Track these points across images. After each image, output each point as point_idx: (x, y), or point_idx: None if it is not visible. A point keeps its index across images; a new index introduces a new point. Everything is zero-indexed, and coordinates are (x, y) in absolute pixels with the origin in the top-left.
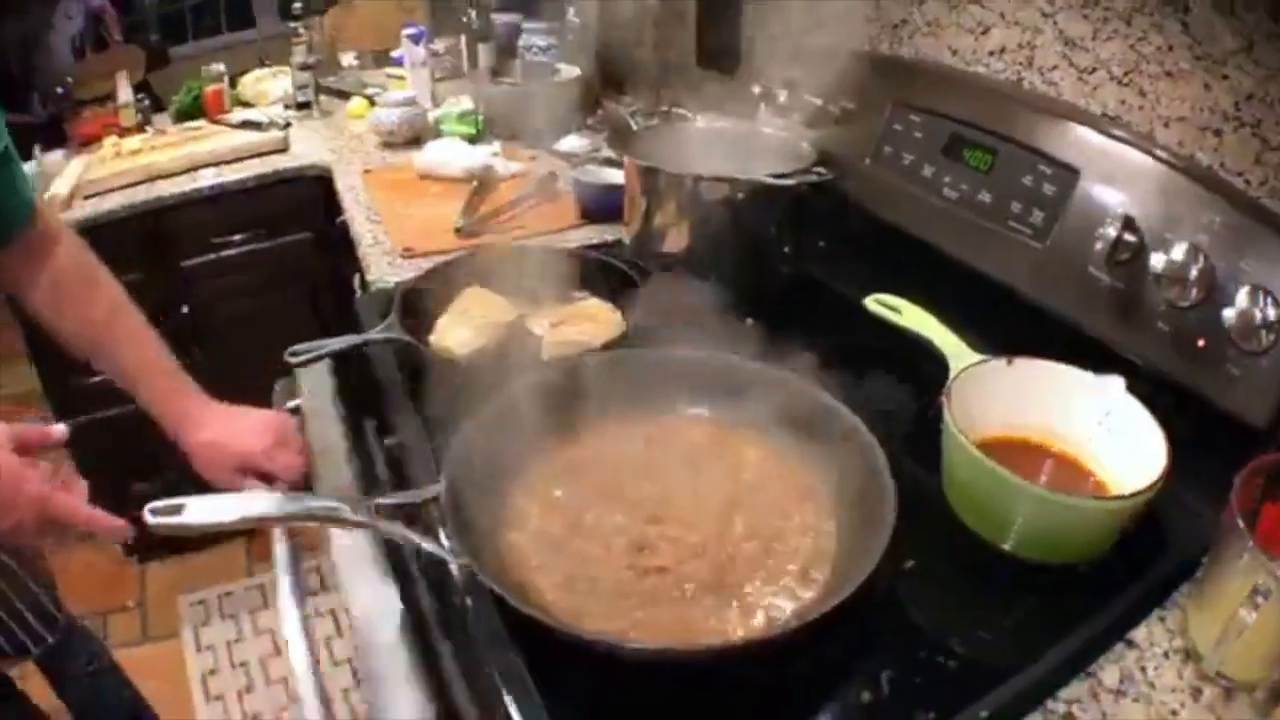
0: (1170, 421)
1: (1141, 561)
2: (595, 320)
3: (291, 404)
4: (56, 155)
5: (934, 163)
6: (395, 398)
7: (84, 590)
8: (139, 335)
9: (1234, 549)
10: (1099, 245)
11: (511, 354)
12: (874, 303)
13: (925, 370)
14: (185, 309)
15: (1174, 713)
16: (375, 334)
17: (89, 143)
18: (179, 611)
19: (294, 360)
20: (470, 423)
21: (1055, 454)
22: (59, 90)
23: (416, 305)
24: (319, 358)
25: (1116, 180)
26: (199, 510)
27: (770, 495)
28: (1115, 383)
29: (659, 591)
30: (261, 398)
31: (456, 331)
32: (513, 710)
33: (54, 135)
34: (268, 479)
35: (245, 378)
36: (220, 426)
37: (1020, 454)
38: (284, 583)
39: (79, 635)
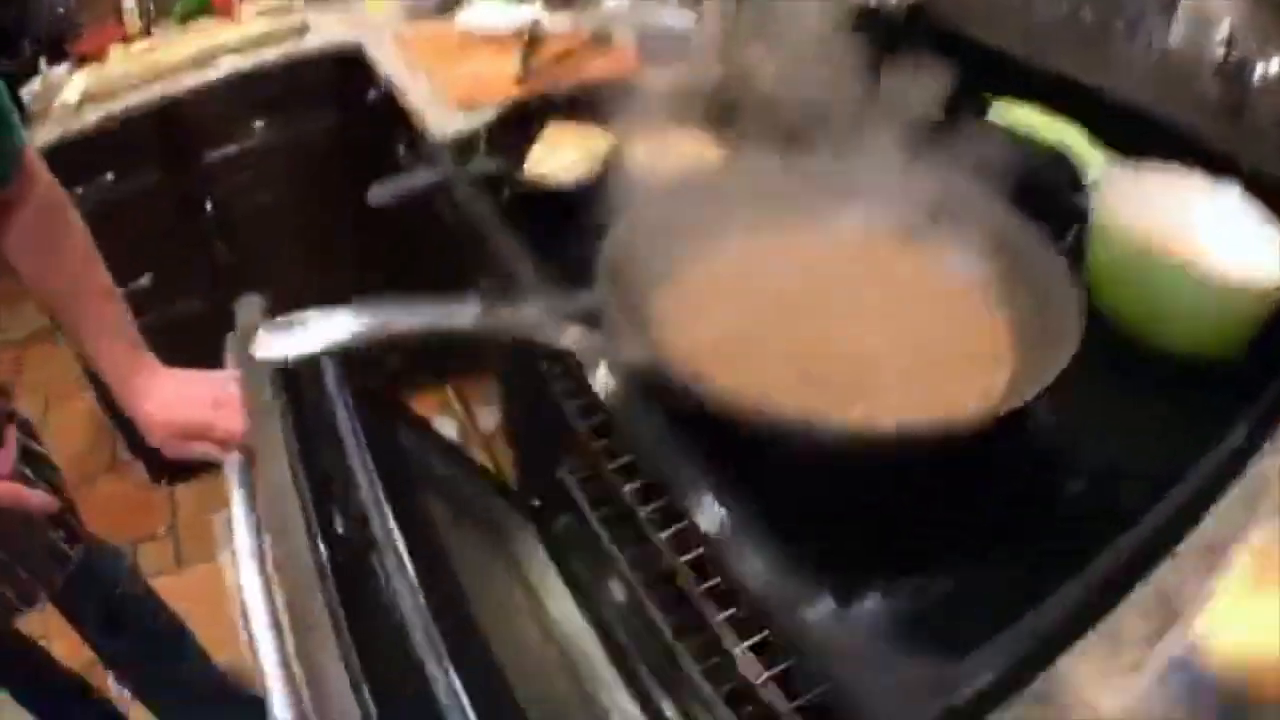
0: None
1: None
2: (693, 143)
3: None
4: (60, 69)
5: None
6: (498, 236)
7: (110, 522)
8: (102, 296)
9: None
10: (1207, 60)
11: (623, 178)
12: (1000, 110)
13: (1040, 181)
14: (209, 206)
15: None
16: (468, 167)
17: (93, 58)
18: (214, 532)
19: (376, 201)
20: (614, 231)
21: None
22: (59, 10)
23: (502, 141)
24: (405, 197)
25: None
26: (323, 326)
27: (941, 296)
28: (1233, 189)
29: (852, 379)
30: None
31: (556, 156)
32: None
33: (57, 57)
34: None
35: (274, 275)
36: (162, 396)
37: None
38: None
39: (100, 557)
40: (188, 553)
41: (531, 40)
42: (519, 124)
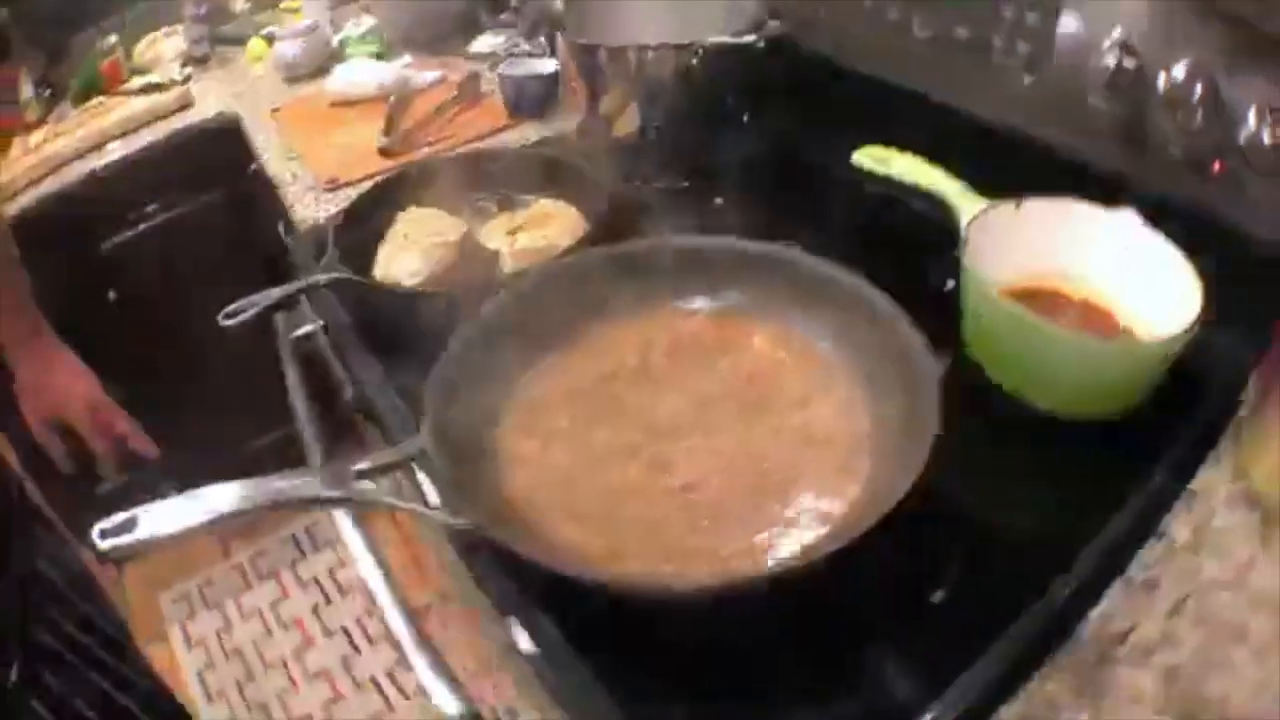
0: (1193, 252)
1: (1182, 405)
2: (555, 222)
3: (302, 331)
4: None
5: (900, 1)
6: (348, 344)
7: None
8: (9, 264)
9: None
10: (1094, 72)
11: (469, 275)
12: (863, 156)
13: (913, 228)
14: (112, 294)
15: (1249, 565)
16: (313, 277)
17: None
18: (162, 611)
19: (228, 322)
20: (441, 361)
21: (1074, 296)
22: None
23: (353, 238)
24: (256, 315)
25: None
26: (154, 521)
27: (788, 384)
28: (1130, 216)
29: (693, 511)
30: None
31: (402, 259)
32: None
33: None
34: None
35: (193, 353)
36: (49, 376)
37: (1040, 301)
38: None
39: None
40: (141, 632)
41: (398, 101)
42: (369, 216)
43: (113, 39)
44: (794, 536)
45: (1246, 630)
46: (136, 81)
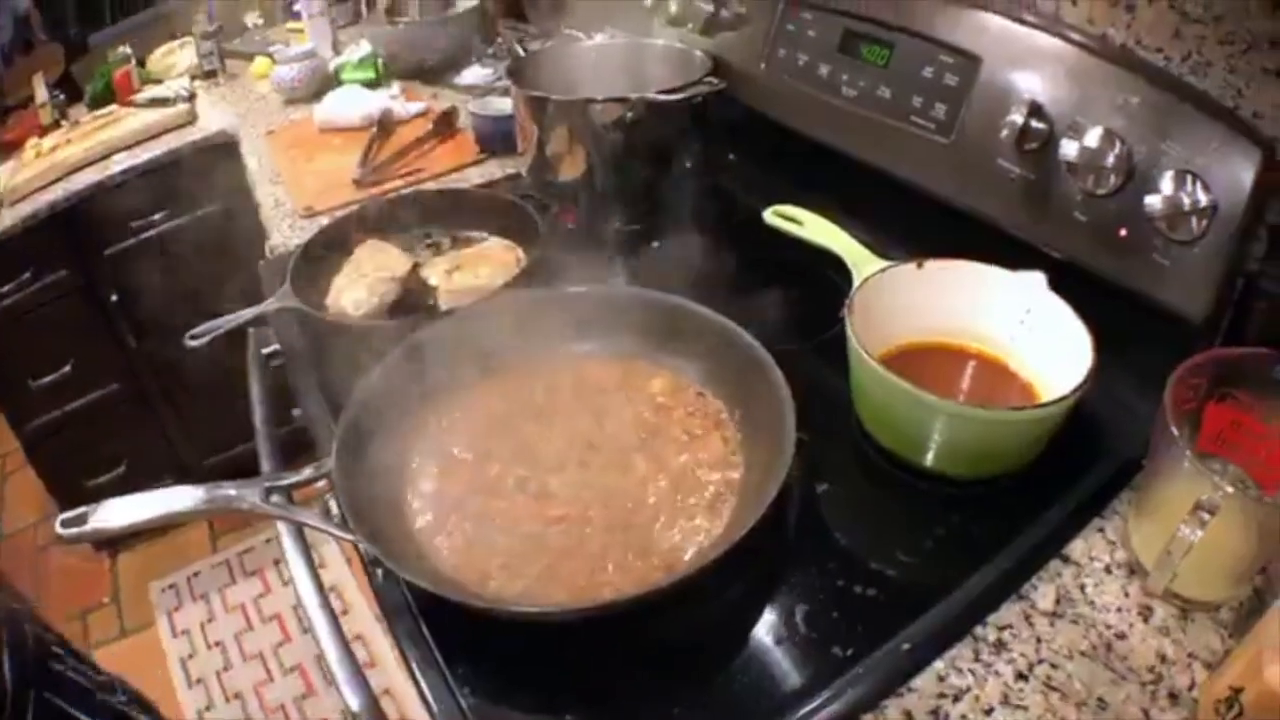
0: (1100, 317)
1: (1074, 469)
2: (492, 261)
3: (268, 350)
4: None
5: (830, 61)
6: (298, 367)
7: (62, 594)
8: None
9: (1172, 456)
10: (1005, 135)
11: (408, 309)
12: (774, 215)
13: (839, 281)
14: (115, 298)
15: (1121, 635)
16: (269, 304)
17: (15, 147)
18: (151, 599)
19: (193, 343)
20: (358, 388)
21: (976, 355)
22: None
23: (312, 267)
24: (217, 337)
25: (1021, 65)
26: (106, 514)
27: (676, 428)
28: (1035, 278)
29: (564, 542)
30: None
31: (351, 292)
32: (421, 680)
33: None
34: None
35: (188, 358)
36: None
37: (939, 359)
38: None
39: None
40: (130, 619)
41: (380, 131)
42: (330, 247)
43: (126, 49)
44: (652, 567)
45: (1100, 703)
46: (147, 93)
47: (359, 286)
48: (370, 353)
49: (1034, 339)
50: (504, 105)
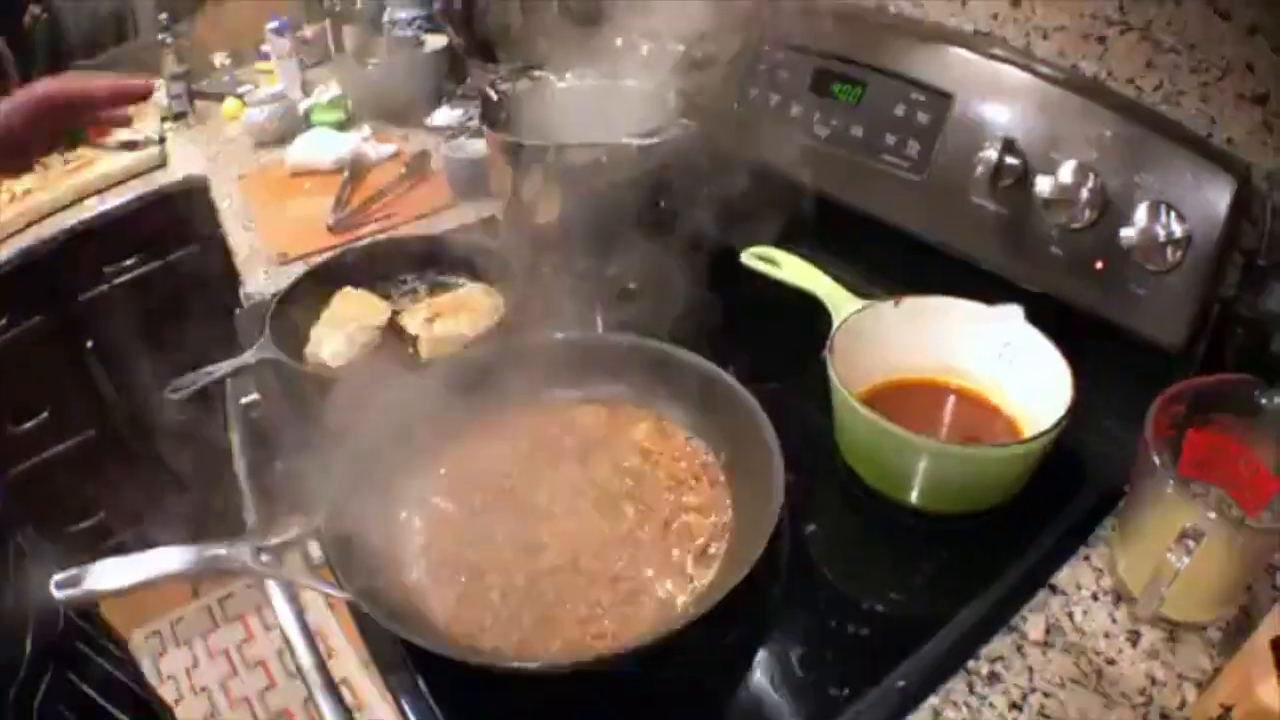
0: (1078, 346)
1: (1058, 499)
2: (471, 309)
3: (247, 400)
4: None
5: (802, 101)
6: (279, 421)
7: None
8: None
9: (1155, 483)
10: (979, 171)
11: (388, 358)
12: (751, 257)
13: (818, 320)
14: (90, 344)
15: (1111, 661)
16: (249, 356)
17: None
18: (135, 645)
19: (175, 395)
20: (341, 441)
21: (957, 390)
22: None
23: (290, 317)
24: (200, 389)
25: (993, 101)
26: (100, 577)
27: (663, 473)
28: (1013, 312)
29: (557, 593)
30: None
31: (329, 342)
32: None
33: None
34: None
35: (166, 405)
36: None
37: (920, 395)
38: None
39: None
40: None
41: (352, 175)
42: (306, 296)
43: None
44: (645, 617)
45: None
46: (118, 135)
47: (338, 336)
48: (352, 404)
49: (1014, 372)
50: (477, 148)
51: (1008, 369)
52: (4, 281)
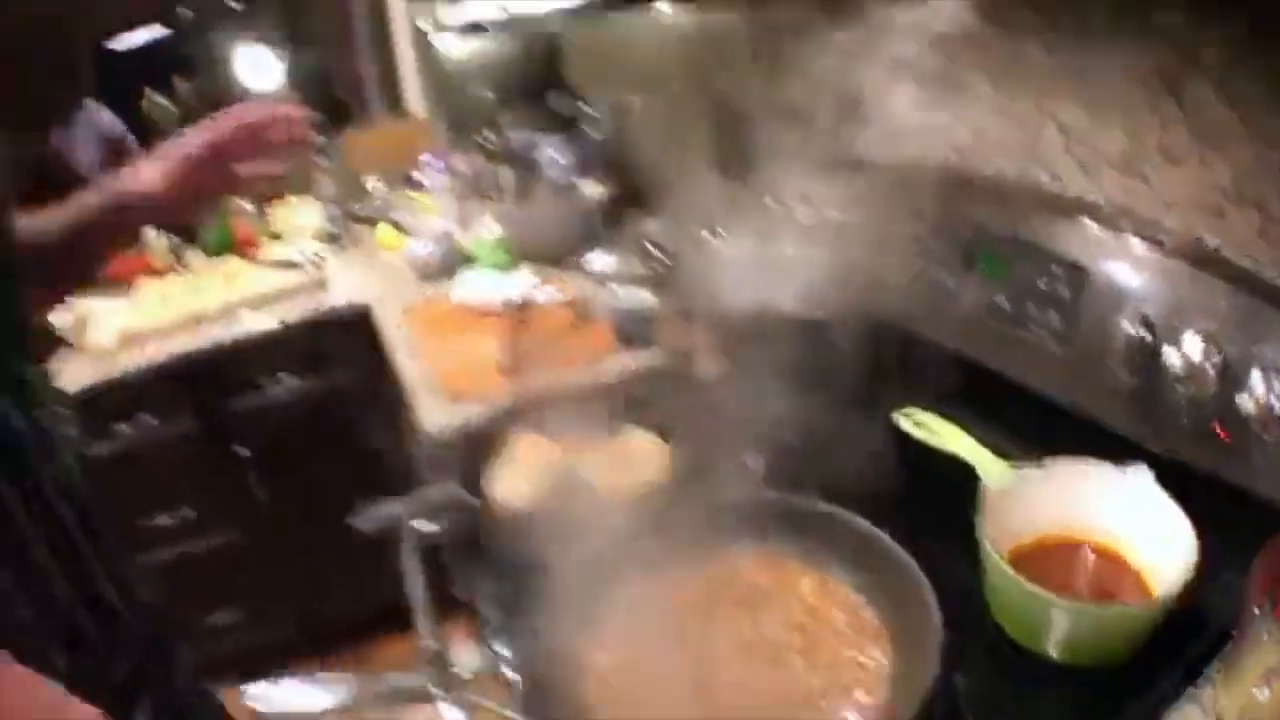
0: (1202, 506)
1: (1179, 643)
2: (643, 457)
3: (425, 529)
4: (90, 300)
5: (953, 272)
6: (461, 552)
7: None
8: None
9: (1254, 626)
10: (1113, 342)
11: (568, 503)
12: (904, 419)
13: (968, 481)
14: (243, 449)
15: None
16: (434, 493)
17: (119, 282)
18: None
19: (363, 527)
20: (522, 584)
21: (1093, 546)
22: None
23: (472, 456)
24: (386, 524)
25: (1125, 273)
26: (291, 696)
27: (827, 629)
28: (1142, 473)
29: None
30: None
31: (512, 483)
32: None
33: None
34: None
35: (318, 514)
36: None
37: (1060, 553)
38: None
39: None
40: None
41: (519, 317)
42: (487, 437)
43: (247, 205)
44: None
45: None
46: (271, 250)
47: (517, 478)
48: (530, 544)
49: (1142, 529)
50: (642, 298)
51: (1137, 526)
52: (156, 382)
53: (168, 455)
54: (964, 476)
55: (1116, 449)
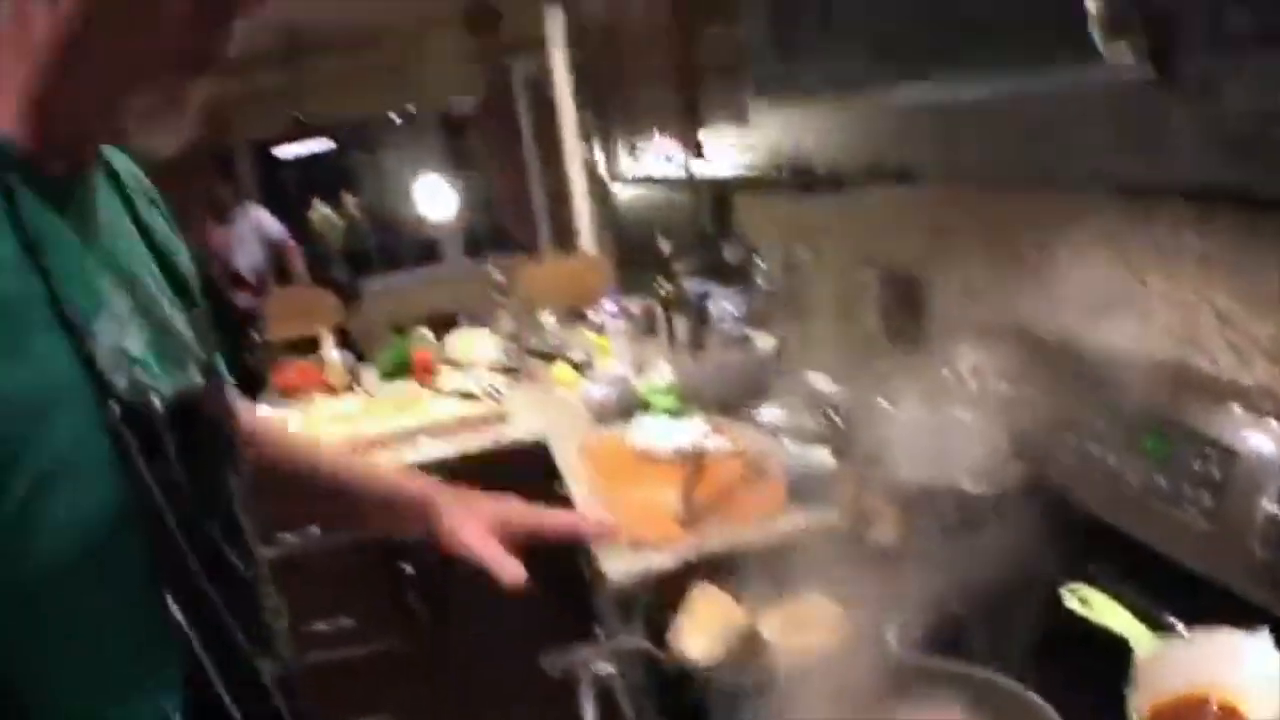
0: None
1: None
2: (819, 620)
3: (604, 672)
4: (264, 408)
5: (1116, 451)
6: (640, 700)
7: None
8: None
9: None
10: (1255, 520)
11: (748, 661)
12: (1068, 594)
13: (1124, 651)
14: (409, 567)
15: None
16: (619, 643)
17: (291, 393)
18: None
19: (553, 672)
20: None
21: (1220, 703)
22: (254, 335)
23: (653, 607)
24: (576, 668)
25: (1270, 456)
26: None
27: None
28: (1264, 637)
29: None
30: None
31: (694, 638)
32: None
33: (249, 375)
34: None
35: (475, 637)
36: (459, 495)
37: (1190, 710)
38: None
39: None
40: None
41: (693, 466)
42: (668, 589)
43: (426, 332)
44: None
45: None
46: (449, 379)
47: (700, 633)
48: (713, 700)
49: (1262, 689)
50: (816, 458)
51: (1258, 686)
52: None
53: (331, 565)
54: (1117, 646)
55: (1249, 618)
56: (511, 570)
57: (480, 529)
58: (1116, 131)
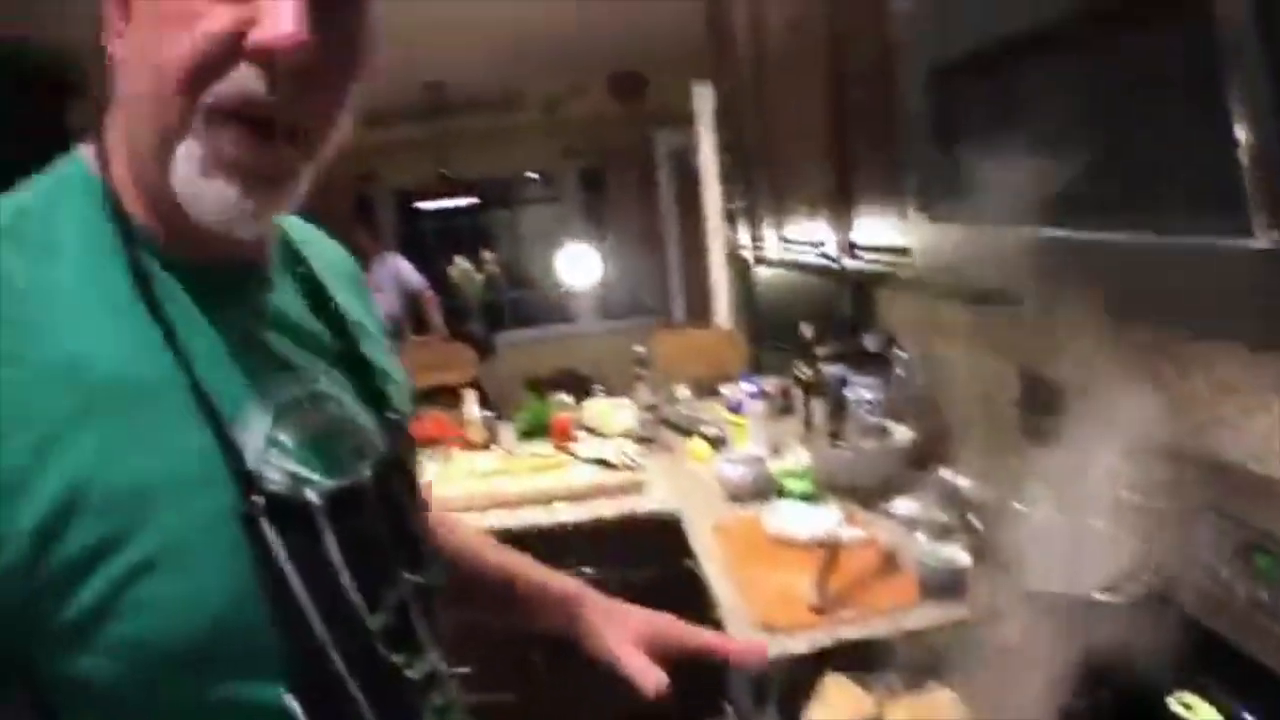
0: None
1: None
2: (946, 715)
3: None
4: None
5: (1229, 565)
6: None
7: None
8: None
9: None
10: None
11: None
12: (1178, 704)
13: None
14: (537, 658)
15: None
16: None
17: (428, 444)
18: None
19: None
20: None
21: None
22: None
23: (785, 690)
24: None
25: None
26: None
27: None
28: None
29: None
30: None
31: None
32: None
33: None
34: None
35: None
36: (605, 600)
37: None
38: None
39: None
40: None
41: (828, 554)
42: (800, 674)
43: (566, 397)
44: None
45: None
46: (587, 446)
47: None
48: None
49: None
50: (949, 555)
51: None
52: None
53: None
54: None
55: None
56: (654, 679)
57: (625, 637)
58: (1249, 292)
